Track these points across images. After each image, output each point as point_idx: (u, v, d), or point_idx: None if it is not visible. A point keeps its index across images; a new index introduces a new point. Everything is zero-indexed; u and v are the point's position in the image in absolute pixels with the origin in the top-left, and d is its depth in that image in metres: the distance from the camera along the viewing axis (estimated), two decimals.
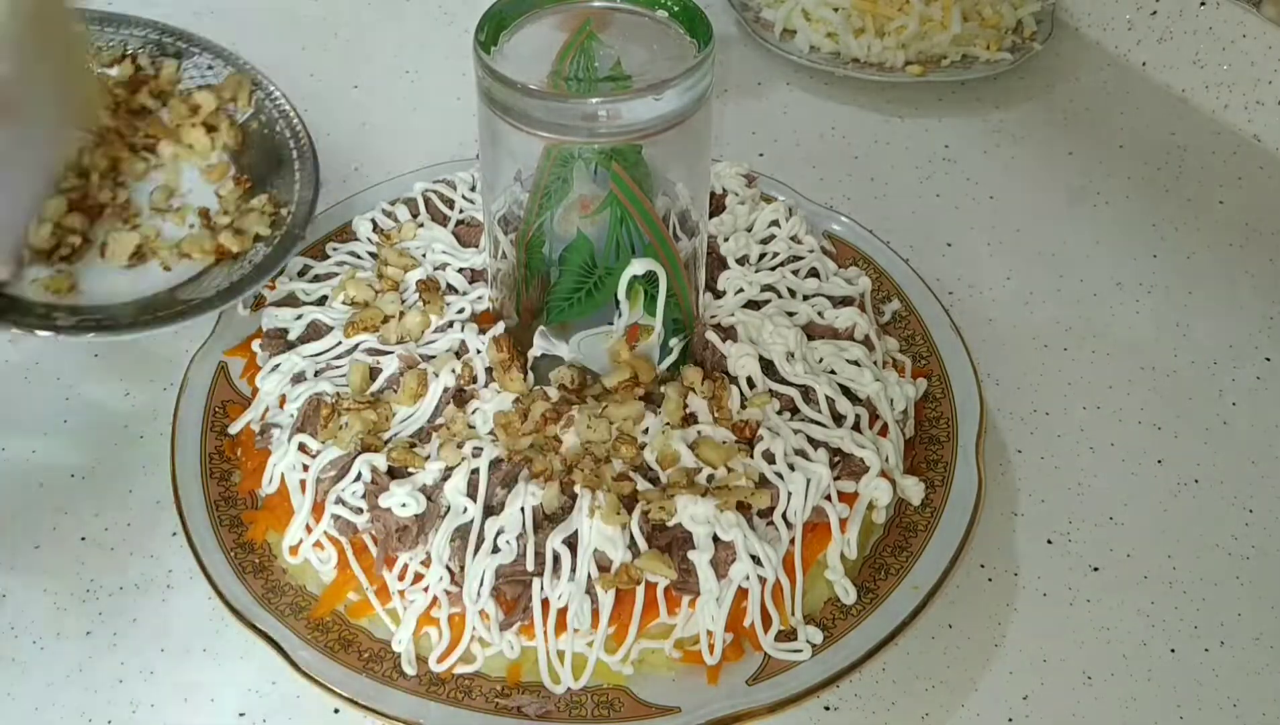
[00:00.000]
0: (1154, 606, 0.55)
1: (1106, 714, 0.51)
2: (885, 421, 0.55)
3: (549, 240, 0.51)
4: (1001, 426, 0.63)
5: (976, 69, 0.85)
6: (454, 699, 0.48)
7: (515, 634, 0.49)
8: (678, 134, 0.48)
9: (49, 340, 0.56)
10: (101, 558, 0.56)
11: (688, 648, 0.49)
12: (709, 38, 0.48)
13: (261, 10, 0.93)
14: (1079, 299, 0.71)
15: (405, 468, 0.51)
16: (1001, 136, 0.83)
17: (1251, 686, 0.52)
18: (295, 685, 0.50)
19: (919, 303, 0.63)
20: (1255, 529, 0.58)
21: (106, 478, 0.59)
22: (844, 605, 0.51)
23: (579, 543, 0.48)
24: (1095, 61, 0.90)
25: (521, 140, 0.48)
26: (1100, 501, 0.59)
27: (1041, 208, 0.77)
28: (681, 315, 0.54)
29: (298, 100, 0.72)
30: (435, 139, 0.80)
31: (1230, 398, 0.65)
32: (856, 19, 0.86)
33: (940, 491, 0.55)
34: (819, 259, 0.62)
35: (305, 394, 0.54)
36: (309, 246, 0.64)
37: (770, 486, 0.50)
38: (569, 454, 0.51)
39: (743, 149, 0.80)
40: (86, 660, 0.52)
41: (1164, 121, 0.85)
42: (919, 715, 0.51)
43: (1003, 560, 0.57)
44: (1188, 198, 0.78)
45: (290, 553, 0.52)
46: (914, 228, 0.75)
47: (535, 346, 0.53)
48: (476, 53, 0.47)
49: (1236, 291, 0.71)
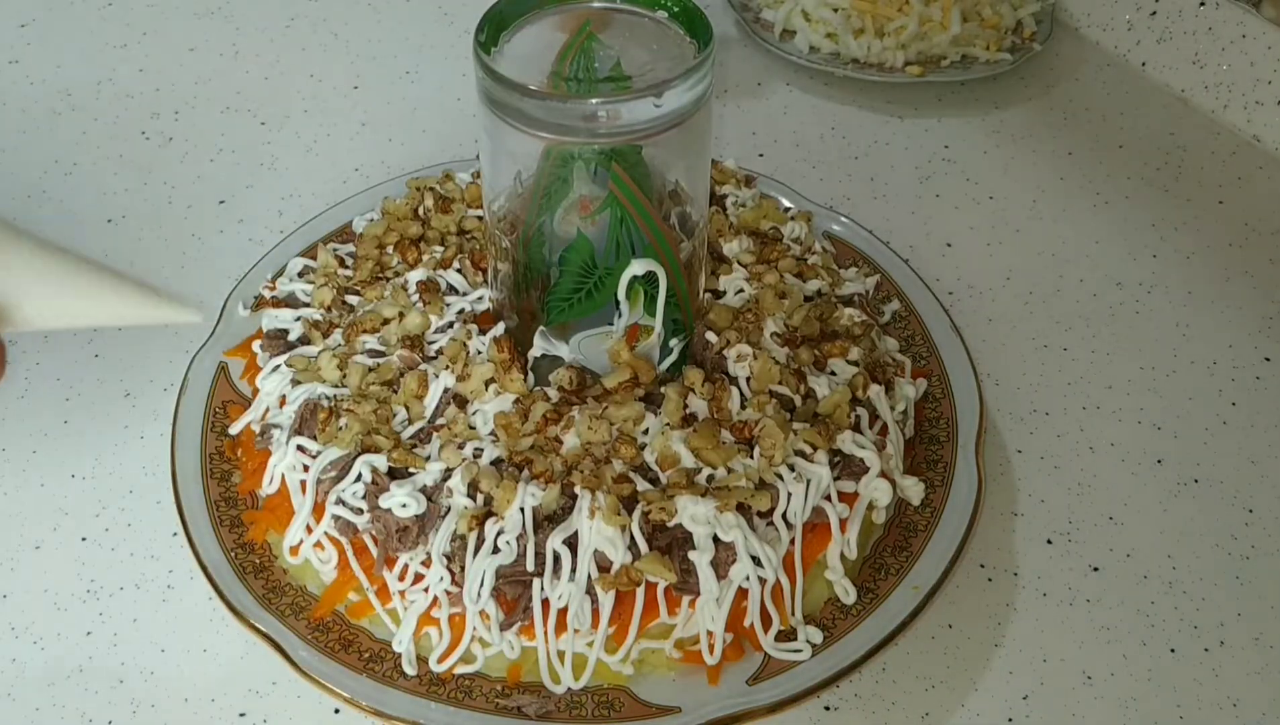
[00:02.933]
0: (1154, 606, 0.55)
1: (1106, 714, 0.51)
2: (885, 421, 0.55)
3: (549, 241, 0.51)
4: (1001, 426, 0.63)
5: (976, 69, 0.85)
6: (454, 699, 0.48)
7: (515, 634, 0.49)
8: (678, 134, 0.48)
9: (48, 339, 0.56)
10: (101, 558, 0.56)
11: (688, 648, 0.49)
12: (709, 38, 0.48)
13: (262, 10, 0.93)
14: (1079, 299, 0.71)
15: (405, 468, 0.51)
16: (1001, 136, 0.83)
17: (1251, 686, 0.52)
18: (295, 685, 0.50)
19: (919, 303, 0.63)
20: (1255, 529, 0.58)
21: (106, 478, 0.59)
22: (844, 605, 0.51)
23: (579, 543, 0.48)
24: (1095, 61, 0.90)
25: (521, 140, 0.48)
26: (1100, 501, 0.60)
27: (1041, 208, 0.77)
28: (681, 315, 0.54)
29: (297, 100, 0.72)
30: (435, 139, 0.80)
31: (1230, 398, 0.65)
32: (856, 19, 0.86)
33: (940, 491, 0.55)
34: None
35: (302, 397, 0.54)
36: (309, 247, 0.64)
37: (770, 487, 0.50)
38: (569, 455, 0.51)
39: (743, 149, 0.80)
40: (86, 660, 0.52)
41: (1164, 121, 0.85)
42: (919, 715, 0.51)
43: (1003, 560, 0.57)
44: (1188, 198, 0.78)
45: (291, 553, 0.52)
46: (914, 228, 0.75)
47: (535, 347, 0.53)
48: (476, 53, 0.47)
49: (1236, 291, 0.71)
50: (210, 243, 0.73)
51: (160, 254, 0.72)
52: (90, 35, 0.90)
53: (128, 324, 0.39)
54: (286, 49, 0.90)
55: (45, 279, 0.34)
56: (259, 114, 0.83)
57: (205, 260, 0.71)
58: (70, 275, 0.35)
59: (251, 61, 0.88)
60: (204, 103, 0.84)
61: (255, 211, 0.75)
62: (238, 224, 0.74)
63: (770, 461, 0.51)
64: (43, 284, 0.34)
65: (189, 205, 0.76)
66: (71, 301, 0.35)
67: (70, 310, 0.36)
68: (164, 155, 0.79)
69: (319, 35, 0.91)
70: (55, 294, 0.34)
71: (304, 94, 0.85)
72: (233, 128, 0.82)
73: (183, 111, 0.83)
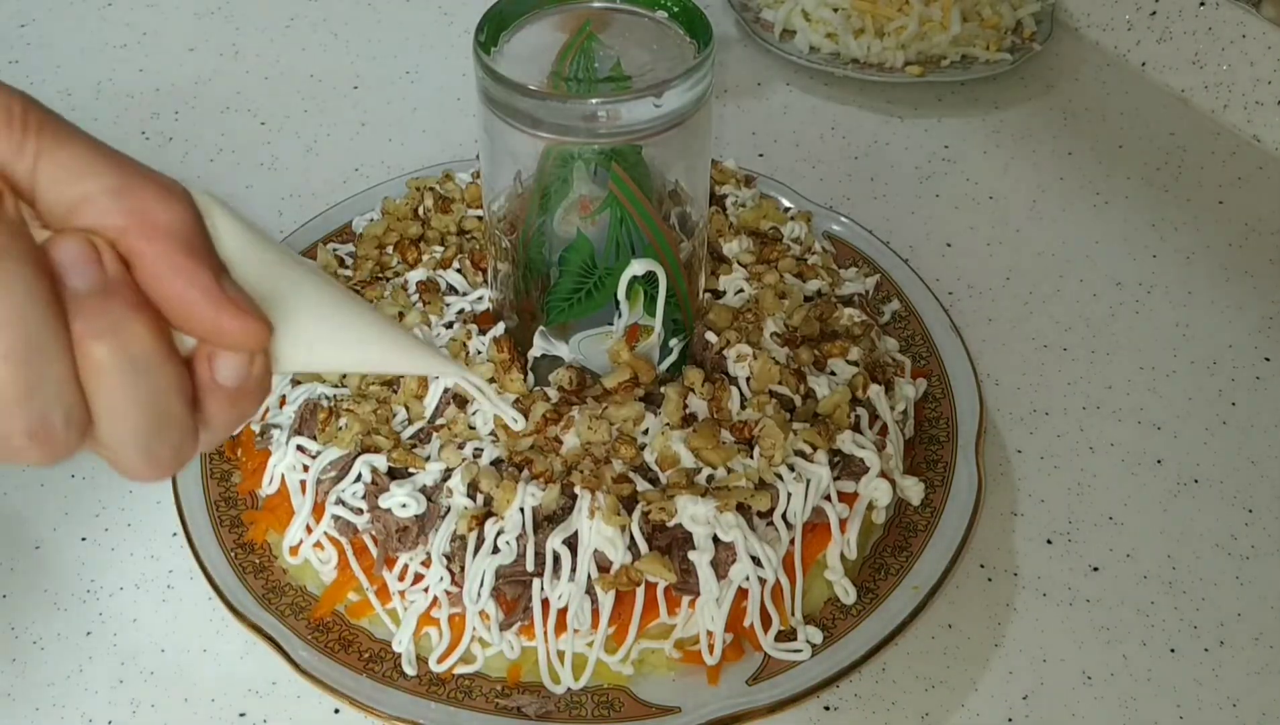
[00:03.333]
0: (1154, 606, 0.55)
1: (1106, 714, 0.51)
2: (885, 422, 0.55)
3: (549, 241, 0.51)
4: (1001, 426, 0.63)
5: (976, 69, 0.85)
6: (454, 699, 0.48)
7: (515, 634, 0.49)
8: (678, 134, 0.48)
9: None
10: (101, 558, 0.56)
11: (688, 648, 0.49)
12: (709, 38, 0.48)
13: (262, 10, 0.93)
14: (1079, 299, 0.71)
15: (405, 468, 0.51)
16: (1001, 136, 0.83)
17: (1251, 686, 0.52)
18: (295, 685, 0.50)
19: (919, 303, 0.63)
20: (1255, 529, 0.58)
21: (106, 478, 0.59)
22: (844, 605, 0.51)
23: (579, 543, 0.48)
24: (1095, 62, 0.90)
25: (521, 140, 0.48)
26: (1100, 501, 0.60)
27: (1041, 208, 0.77)
28: (681, 315, 0.54)
29: (298, 100, 0.72)
30: (435, 139, 0.80)
31: (1230, 398, 0.65)
32: (856, 19, 0.86)
33: (940, 491, 0.55)
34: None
35: (302, 397, 0.54)
36: (308, 247, 0.64)
37: (770, 487, 0.50)
38: (569, 455, 0.51)
39: (743, 149, 0.80)
40: (86, 660, 0.52)
41: (1164, 121, 0.85)
42: (919, 715, 0.51)
43: (1002, 560, 0.57)
44: (1187, 198, 0.78)
45: (290, 553, 0.52)
46: (914, 228, 0.75)
47: (535, 347, 0.53)
48: (476, 53, 0.47)
49: (1236, 291, 0.71)
50: None
51: None
52: (90, 35, 0.90)
53: (400, 373, 0.34)
54: (286, 49, 0.90)
55: (324, 319, 0.31)
56: (259, 114, 0.83)
57: None
58: (351, 318, 0.32)
59: (251, 61, 0.88)
60: (204, 103, 0.84)
61: (255, 211, 0.75)
62: None
63: (770, 461, 0.51)
64: (320, 324, 0.32)
65: None
66: (348, 349, 0.33)
67: (344, 357, 0.33)
68: (164, 155, 0.79)
69: (319, 35, 0.91)
70: (330, 337, 0.32)
71: (304, 94, 0.85)
72: (233, 128, 0.82)
73: (183, 111, 0.83)
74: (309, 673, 0.48)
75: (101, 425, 0.28)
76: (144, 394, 0.28)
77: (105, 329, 0.27)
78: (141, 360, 0.28)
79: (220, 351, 0.29)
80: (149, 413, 0.28)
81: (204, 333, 0.29)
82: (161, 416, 0.29)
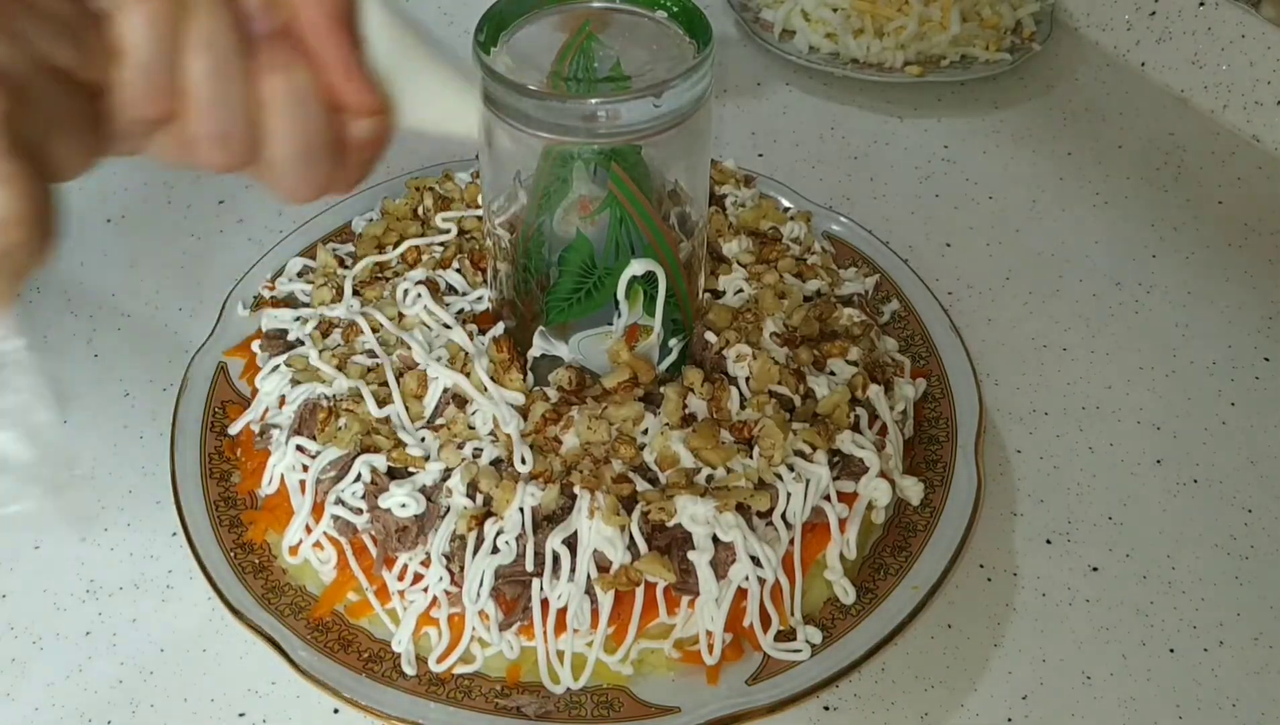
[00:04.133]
0: (1153, 606, 0.55)
1: (1106, 714, 0.51)
2: (884, 422, 0.55)
3: (549, 241, 0.51)
4: (1001, 427, 0.63)
5: (976, 69, 0.85)
6: (454, 699, 0.48)
7: (515, 634, 0.49)
8: (677, 134, 0.48)
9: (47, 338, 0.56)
10: (101, 558, 0.56)
11: (687, 648, 0.49)
12: (708, 38, 0.48)
13: None
14: (1079, 299, 0.71)
15: (405, 468, 0.51)
16: (1001, 136, 0.83)
17: (1251, 686, 0.52)
18: (295, 685, 0.50)
19: (918, 303, 0.63)
20: (1254, 529, 0.58)
21: (106, 478, 0.59)
22: (843, 605, 0.51)
23: (578, 543, 0.48)
24: (1094, 62, 0.90)
25: (521, 140, 0.48)
26: (1100, 501, 0.60)
27: (1041, 208, 0.77)
28: (681, 316, 0.54)
29: None
30: (435, 139, 0.80)
31: (1230, 398, 0.65)
32: (856, 19, 0.86)
33: (940, 491, 0.55)
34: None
35: (302, 397, 0.54)
36: (308, 247, 0.64)
37: (769, 487, 0.50)
38: (568, 455, 0.51)
39: (742, 149, 0.80)
40: (86, 660, 0.52)
41: (1163, 121, 0.85)
42: (919, 715, 0.51)
43: (1002, 560, 0.57)
44: (1187, 198, 0.78)
45: (290, 553, 0.52)
46: (914, 228, 0.75)
47: (535, 347, 0.53)
48: (476, 53, 0.47)
49: (1236, 291, 0.71)
50: (209, 243, 0.73)
51: (160, 254, 0.72)
52: None
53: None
54: None
55: (430, 102, 0.41)
56: None
57: (204, 260, 0.71)
58: (453, 106, 0.43)
59: None
60: None
61: (254, 211, 0.75)
62: (237, 224, 0.74)
63: (770, 461, 0.51)
64: (426, 109, 0.42)
65: (189, 205, 0.76)
66: (442, 125, 0.43)
67: (438, 119, 0.43)
68: None
69: None
70: (429, 100, 0.42)
71: None
72: None
73: None
74: (308, 673, 0.48)
75: (270, 144, 0.35)
76: (303, 123, 0.36)
77: (278, 65, 0.35)
78: (303, 95, 0.35)
79: None
80: (306, 139, 0.36)
81: (338, 92, 0.36)
82: (315, 145, 0.36)
